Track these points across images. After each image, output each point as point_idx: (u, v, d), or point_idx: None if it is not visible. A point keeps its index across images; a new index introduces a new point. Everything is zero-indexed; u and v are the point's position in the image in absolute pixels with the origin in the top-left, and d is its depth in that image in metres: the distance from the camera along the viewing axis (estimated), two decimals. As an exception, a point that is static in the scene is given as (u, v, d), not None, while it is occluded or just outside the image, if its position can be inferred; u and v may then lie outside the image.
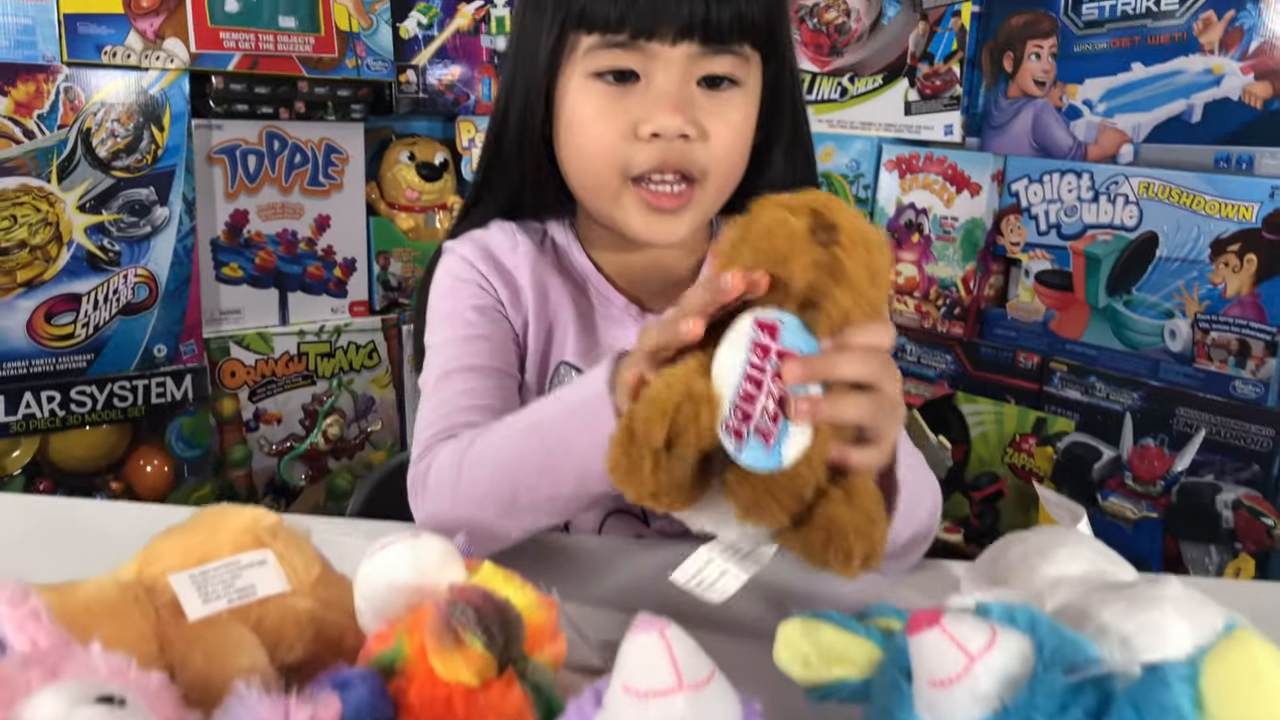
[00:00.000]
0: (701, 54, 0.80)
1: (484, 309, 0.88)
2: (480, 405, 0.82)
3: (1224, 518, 1.47)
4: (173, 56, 1.68)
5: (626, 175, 0.83)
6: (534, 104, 0.85)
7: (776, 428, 0.55)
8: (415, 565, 0.54)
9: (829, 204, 0.55)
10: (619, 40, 0.80)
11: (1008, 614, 0.49)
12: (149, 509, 1.11)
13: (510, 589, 0.55)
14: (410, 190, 2.03)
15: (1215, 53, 1.53)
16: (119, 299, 1.69)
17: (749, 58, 0.83)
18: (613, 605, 0.73)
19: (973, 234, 1.82)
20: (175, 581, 0.54)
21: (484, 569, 0.56)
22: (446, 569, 0.55)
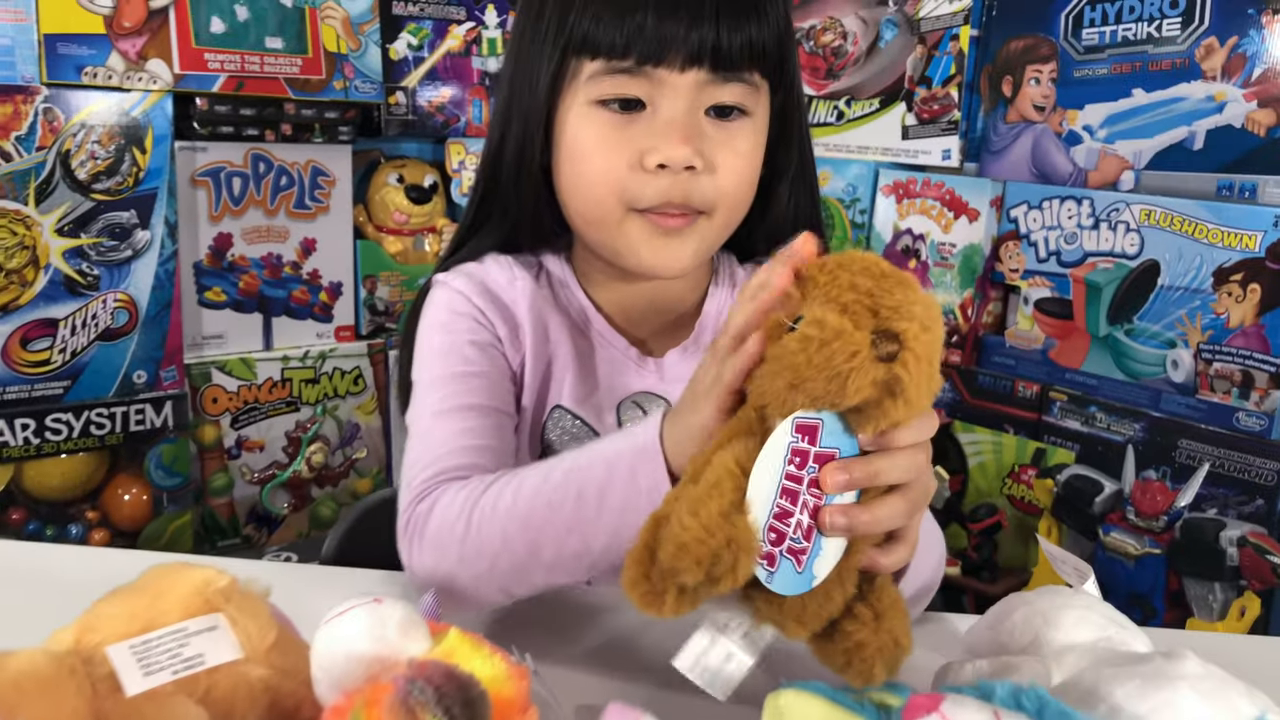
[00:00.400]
0: (711, 82, 0.77)
1: (482, 345, 0.84)
2: (480, 446, 0.77)
3: (1229, 554, 1.44)
4: (156, 78, 1.65)
5: (631, 207, 0.79)
6: (532, 132, 0.81)
7: (809, 544, 0.52)
8: (374, 634, 0.51)
9: (892, 303, 0.50)
10: (624, 66, 0.76)
11: (1013, 696, 0.46)
12: (108, 555, 1.07)
13: (477, 659, 0.52)
14: (399, 213, 1.99)
15: (1217, 79, 1.51)
16: (97, 324, 1.65)
17: (759, 86, 0.80)
18: (594, 665, 0.70)
19: (971, 260, 1.79)
20: (113, 653, 0.50)
21: (450, 636, 0.53)
22: (409, 637, 0.52)
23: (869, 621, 0.54)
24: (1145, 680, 0.48)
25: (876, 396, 0.50)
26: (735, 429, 0.54)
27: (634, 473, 0.62)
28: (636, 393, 0.87)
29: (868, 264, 0.52)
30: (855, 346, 0.48)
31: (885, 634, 0.54)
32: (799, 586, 0.52)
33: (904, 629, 0.55)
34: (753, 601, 0.53)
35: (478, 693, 0.47)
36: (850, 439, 0.52)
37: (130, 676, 0.49)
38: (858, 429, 0.52)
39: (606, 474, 0.63)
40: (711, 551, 0.49)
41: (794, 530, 0.51)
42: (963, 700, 0.43)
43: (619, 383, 0.87)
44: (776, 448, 0.51)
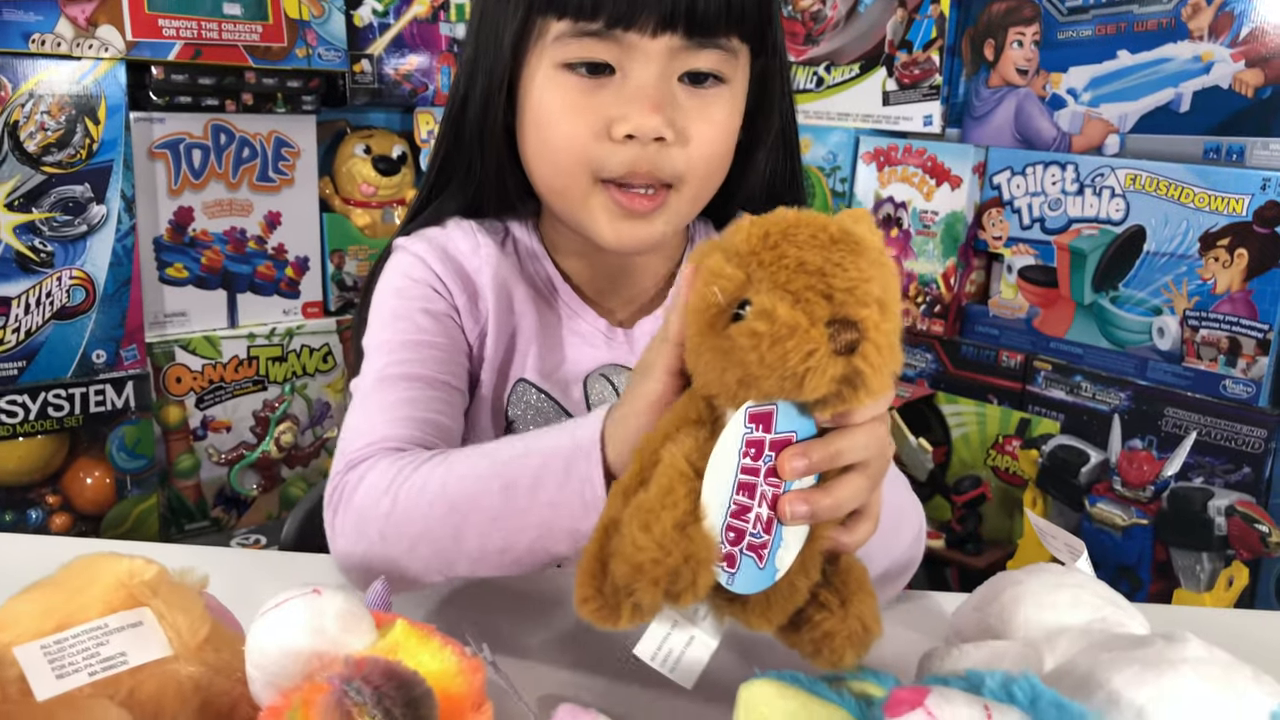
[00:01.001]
0: (685, 47, 0.72)
1: (436, 314, 0.79)
2: (423, 419, 0.73)
3: (1216, 524, 1.41)
4: (107, 45, 1.58)
5: (596, 177, 0.74)
6: (495, 94, 0.77)
7: (769, 537, 0.48)
8: (313, 627, 0.47)
9: (846, 283, 0.46)
10: (592, 29, 0.71)
11: (1004, 687, 0.42)
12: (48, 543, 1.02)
13: (425, 652, 0.48)
14: (366, 185, 1.94)
15: (1204, 39, 1.48)
16: (53, 302, 1.59)
17: (736, 52, 0.74)
18: (556, 654, 0.66)
19: (953, 228, 1.76)
20: (22, 654, 0.46)
21: (397, 629, 0.49)
22: (351, 630, 0.48)
23: (835, 609, 0.51)
24: (1145, 665, 0.45)
25: (836, 390, 0.46)
26: (682, 416, 0.50)
27: (569, 471, 0.58)
28: (604, 365, 0.83)
29: (814, 230, 0.47)
30: (811, 345, 0.44)
31: (853, 620, 0.51)
32: (762, 583, 0.49)
33: (872, 613, 0.52)
34: (713, 600, 0.50)
35: (421, 691, 0.43)
36: (806, 420, 0.48)
37: (41, 679, 0.45)
38: (814, 411, 0.48)
39: (540, 468, 0.59)
40: (669, 570, 0.45)
41: (753, 525, 0.48)
42: (950, 694, 0.40)
43: (586, 355, 0.83)
44: (730, 442, 0.47)
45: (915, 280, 1.82)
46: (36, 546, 0.90)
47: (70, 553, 0.54)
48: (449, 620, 0.69)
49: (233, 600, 0.56)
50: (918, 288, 1.82)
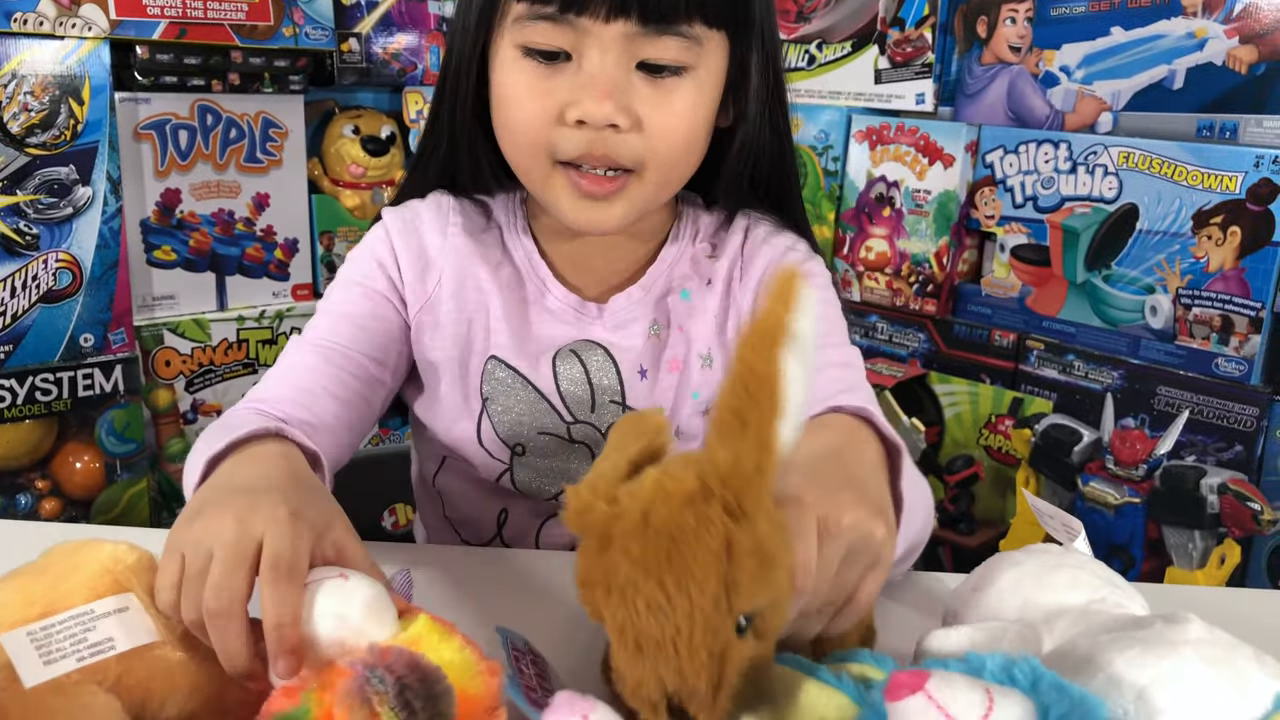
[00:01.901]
0: (640, 34, 0.71)
1: (372, 293, 0.82)
2: (310, 387, 0.76)
3: (1209, 502, 1.41)
4: (90, 24, 1.56)
5: (554, 159, 0.75)
6: (465, 72, 0.78)
7: None
8: (337, 613, 0.47)
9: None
10: (547, 12, 0.71)
11: (1005, 670, 0.42)
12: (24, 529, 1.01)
13: (447, 649, 0.47)
14: (355, 166, 1.92)
15: (1198, 15, 1.47)
16: (39, 285, 1.58)
17: (702, 39, 0.73)
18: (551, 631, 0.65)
19: (946, 207, 1.75)
20: (8, 641, 0.45)
21: (419, 622, 0.48)
22: (374, 620, 0.48)
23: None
24: (1146, 647, 0.44)
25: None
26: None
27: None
28: (575, 341, 0.83)
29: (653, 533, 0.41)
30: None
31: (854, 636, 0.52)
32: None
33: (870, 620, 0.53)
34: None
35: (442, 688, 0.43)
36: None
37: (28, 666, 0.45)
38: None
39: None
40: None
41: None
42: (951, 678, 0.39)
43: (557, 331, 0.83)
44: None
45: (908, 260, 1.82)
46: (22, 532, 0.90)
47: (57, 538, 0.53)
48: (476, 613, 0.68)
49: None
50: (910, 267, 1.82)
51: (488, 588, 0.71)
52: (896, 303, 1.84)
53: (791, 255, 0.85)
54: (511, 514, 0.84)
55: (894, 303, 1.84)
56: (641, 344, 0.83)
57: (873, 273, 1.87)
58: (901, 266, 1.83)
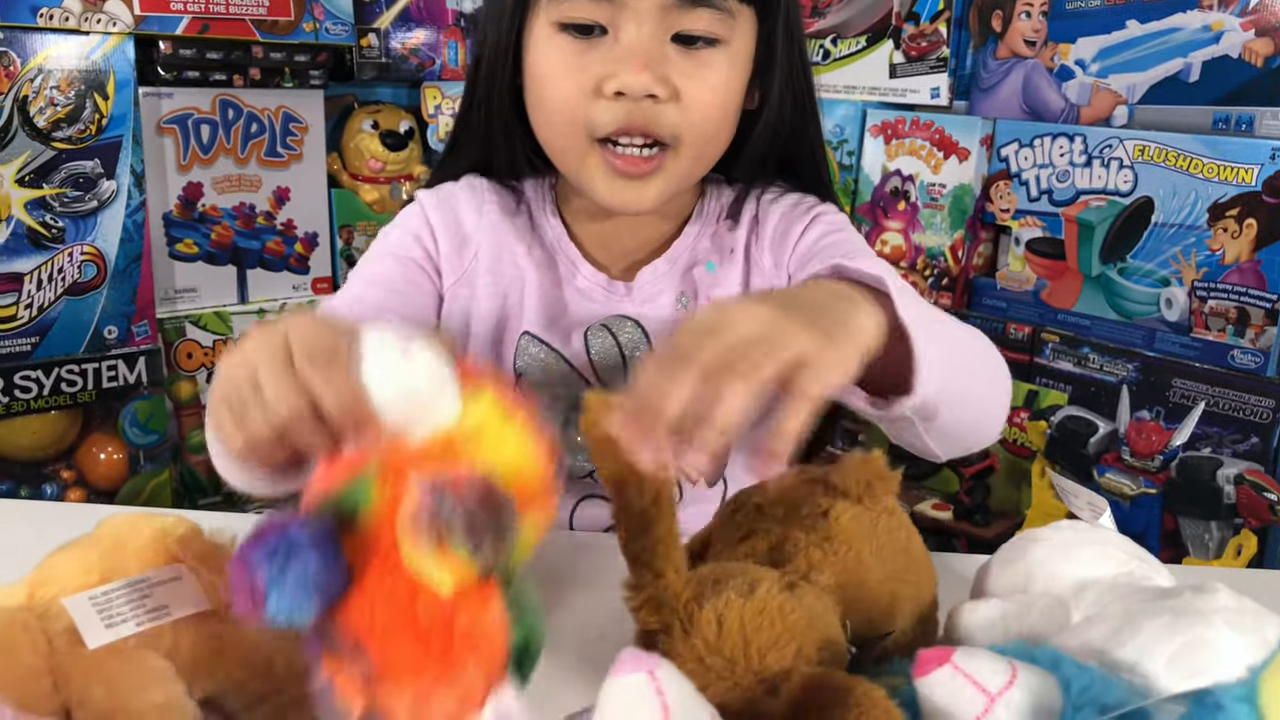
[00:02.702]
0: (676, 6, 0.73)
1: (405, 260, 0.84)
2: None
3: (1225, 493, 1.42)
4: (115, 19, 1.58)
5: (592, 136, 0.76)
6: (501, 54, 0.79)
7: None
8: (399, 385, 0.43)
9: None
10: None
11: (1026, 654, 0.43)
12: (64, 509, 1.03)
13: (508, 434, 0.44)
14: (374, 160, 1.94)
15: (1214, 8, 1.47)
16: (64, 278, 1.59)
17: (734, 13, 0.75)
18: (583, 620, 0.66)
19: (961, 201, 1.76)
20: (71, 605, 0.46)
21: (484, 402, 0.45)
22: (438, 391, 0.44)
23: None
24: (1176, 615, 0.45)
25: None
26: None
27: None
28: (606, 316, 0.85)
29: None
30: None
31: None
32: None
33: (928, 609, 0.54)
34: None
35: (510, 520, 0.40)
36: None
37: (91, 629, 0.46)
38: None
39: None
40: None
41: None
42: (974, 651, 0.41)
43: (586, 308, 0.85)
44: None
45: (923, 253, 1.83)
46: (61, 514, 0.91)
47: (92, 519, 0.54)
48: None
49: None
50: (925, 261, 1.82)
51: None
52: (912, 296, 1.85)
53: (800, 205, 0.87)
54: None
55: (909, 296, 1.85)
56: (669, 315, 0.84)
57: (888, 266, 1.88)
58: (917, 260, 1.84)
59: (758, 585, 0.47)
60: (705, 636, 0.45)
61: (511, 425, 0.44)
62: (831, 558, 0.51)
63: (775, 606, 0.46)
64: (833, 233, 0.84)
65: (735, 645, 0.45)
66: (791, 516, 0.54)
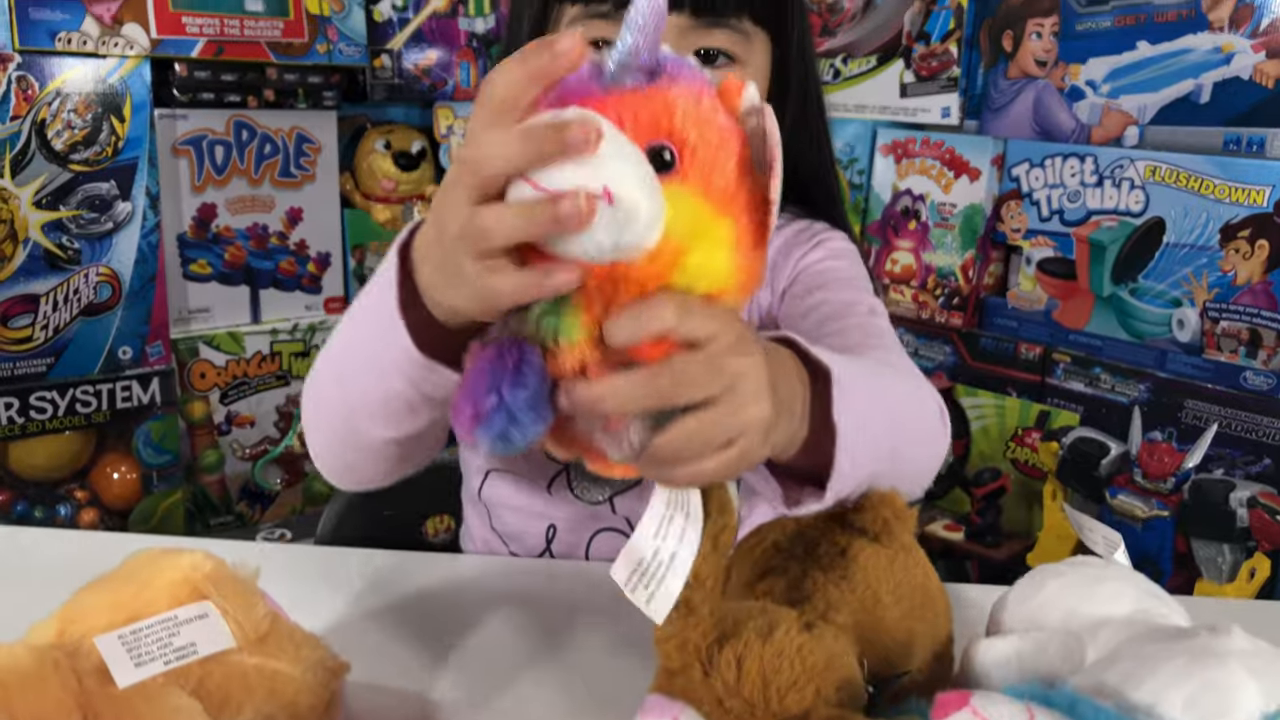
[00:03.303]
0: (694, 27, 0.74)
1: None
2: None
3: (1238, 516, 1.42)
4: (132, 43, 1.60)
5: None
6: None
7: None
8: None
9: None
10: (602, 10, 0.74)
11: (1043, 696, 0.43)
12: (88, 538, 1.04)
13: (711, 250, 0.44)
14: (387, 180, 1.95)
15: (1225, 30, 1.47)
16: (80, 299, 1.61)
17: (750, 34, 0.77)
18: (599, 652, 0.67)
19: (972, 220, 1.76)
20: (102, 644, 0.47)
21: (686, 213, 0.43)
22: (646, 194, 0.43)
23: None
24: (1191, 657, 0.45)
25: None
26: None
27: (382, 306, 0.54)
28: None
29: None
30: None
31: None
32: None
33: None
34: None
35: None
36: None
37: (121, 668, 0.47)
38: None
39: (370, 310, 0.57)
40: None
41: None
42: (992, 695, 0.41)
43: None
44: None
45: (934, 273, 1.83)
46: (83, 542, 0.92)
47: (114, 548, 0.55)
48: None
49: (275, 593, 0.57)
50: (936, 280, 1.83)
51: (537, 602, 0.73)
52: (923, 316, 1.85)
53: (806, 231, 0.87)
54: (561, 525, 0.86)
55: (920, 316, 1.85)
56: None
57: (898, 285, 1.88)
58: (927, 279, 1.84)
59: (776, 627, 0.47)
60: (725, 679, 0.46)
61: (714, 236, 0.43)
62: (849, 596, 0.52)
63: (794, 648, 0.46)
64: (830, 259, 0.85)
65: (754, 688, 0.45)
66: (810, 555, 0.55)
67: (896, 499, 0.56)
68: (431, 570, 0.77)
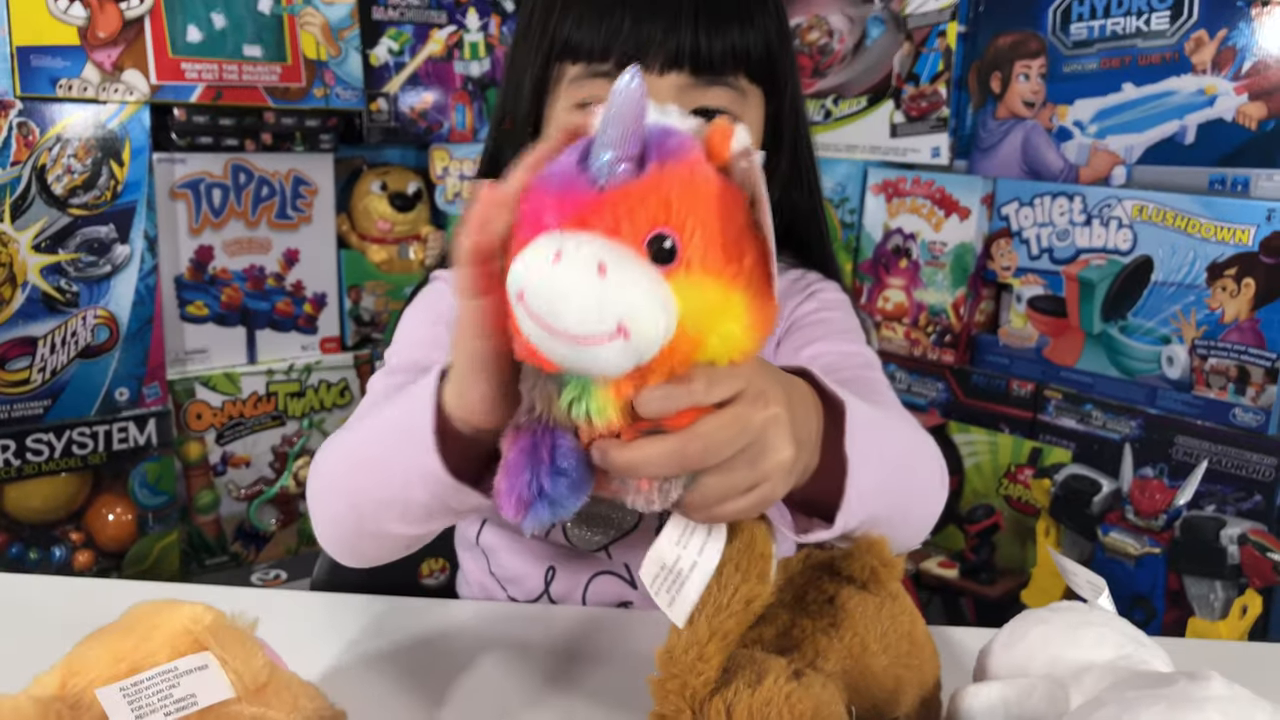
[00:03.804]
0: (692, 85, 0.76)
1: (440, 341, 0.83)
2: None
3: (1229, 553, 1.43)
4: (132, 89, 1.62)
5: None
6: (520, 137, 0.81)
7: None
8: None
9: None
10: (604, 70, 0.75)
11: None
12: (90, 585, 1.04)
13: (729, 327, 0.46)
14: (382, 221, 1.97)
15: (1208, 73, 1.50)
16: (77, 341, 1.62)
17: (746, 91, 0.78)
18: (595, 696, 0.68)
19: (962, 259, 1.78)
20: (104, 696, 0.48)
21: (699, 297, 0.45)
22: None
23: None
24: (1171, 705, 0.46)
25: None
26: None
27: (410, 435, 0.58)
28: None
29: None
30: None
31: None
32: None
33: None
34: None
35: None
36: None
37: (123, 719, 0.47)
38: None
39: (396, 434, 0.60)
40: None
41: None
42: None
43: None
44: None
45: (925, 310, 1.85)
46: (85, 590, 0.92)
47: (115, 597, 0.56)
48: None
49: (273, 640, 0.58)
50: (928, 317, 1.84)
51: (535, 648, 0.73)
52: (915, 353, 1.87)
53: (800, 282, 0.89)
54: (559, 570, 0.87)
55: (912, 353, 1.87)
56: None
57: (890, 323, 1.90)
58: (919, 317, 1.86)
59: (765, 675, 0.48)
60: None
61: (728, 313, 0.44)
62: (838, 644, 0.53)
63: (782, 697, 0.47)
64: (824, 310, 0.86)
65: None
66: (798, 602, 0.55)
67: (883, 547, 0.57)
68: (429, 616, 0.78)
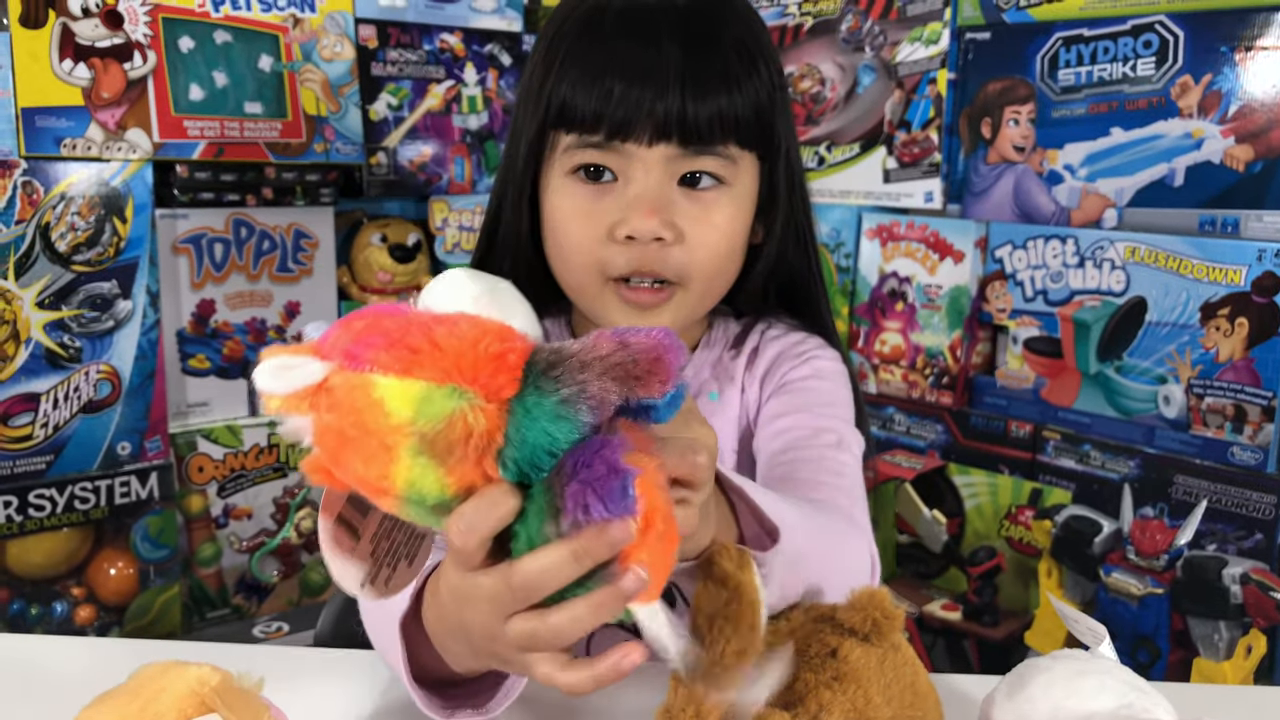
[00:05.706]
0: (681, 155, 0.78)
1: None
2: None
3: (1232, 592, 1.42)
4: (135, 147, 1.64)
5: (606, 276, 0.80)
6: (518, 201, 0.84)
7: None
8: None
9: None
10: (595, 140, 0.78)
11: None
12: (95, 645, 1.04)
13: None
14: (383, 273, 1.98)
15: (1194, 116, 1.52)
16: (80, 397, 1.63)
17: (736, 158, 0.80)
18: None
19: (958, 301, 1.79)
20: (108, 763, 0.48)
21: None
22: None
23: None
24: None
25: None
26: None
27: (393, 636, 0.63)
28: None
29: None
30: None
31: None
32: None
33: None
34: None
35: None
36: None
37: (125, 787, 0.47)
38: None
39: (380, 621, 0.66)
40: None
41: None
42: None
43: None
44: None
45: (922, 352, 1.86)
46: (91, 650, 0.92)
47: (121, 656, 0.56)
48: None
49: (279, 699, 0.58)
50: (925, 360, 1.85)
51: (537, 701, 0.73)
52: (913, 395, 1.87)
53: (799, 346, 0.90)
54: None
55: (910, 395, 1.88)
56: None
57: (888, 365, 1.91)
58: (916, 359, 1.87)
59: None
60: None
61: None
62: (841, 698, 0.53)
63: None
64: (815, 378, 0.88)
65: None
66: (800, 656, 0.56)
67: (885, 599, 0.57)
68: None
